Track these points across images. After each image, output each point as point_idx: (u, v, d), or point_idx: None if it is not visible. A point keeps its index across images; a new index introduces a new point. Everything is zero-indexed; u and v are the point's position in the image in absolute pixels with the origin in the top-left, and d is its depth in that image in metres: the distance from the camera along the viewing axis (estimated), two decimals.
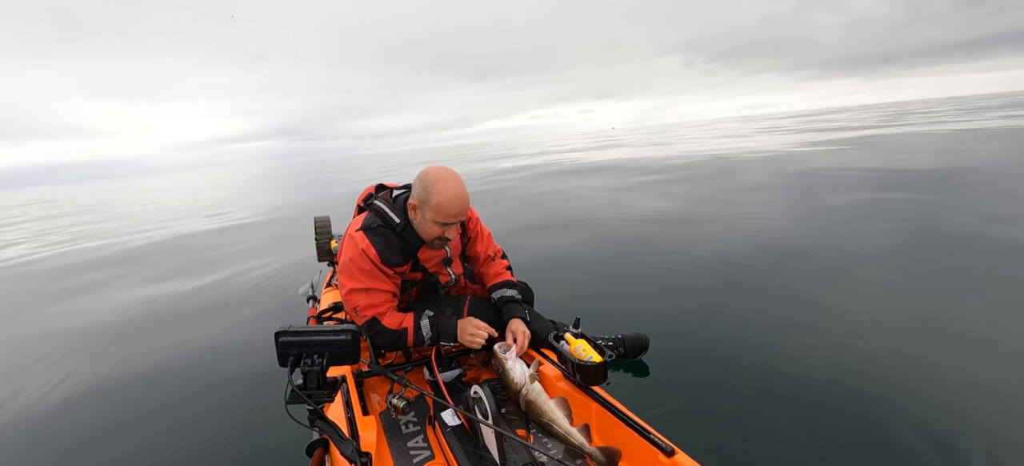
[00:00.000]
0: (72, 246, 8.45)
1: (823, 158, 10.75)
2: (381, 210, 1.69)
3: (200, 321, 3.68)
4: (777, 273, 3.47)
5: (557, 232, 5.53)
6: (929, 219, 4.61)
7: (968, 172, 7.12)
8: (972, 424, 1.75)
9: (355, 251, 1.64)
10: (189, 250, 6.86)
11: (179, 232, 8.91)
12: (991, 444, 1.64)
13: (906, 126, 20.20)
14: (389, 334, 1.70)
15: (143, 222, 11.30)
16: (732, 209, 5.95)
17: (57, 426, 2.31)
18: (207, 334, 3.37)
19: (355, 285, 1.66)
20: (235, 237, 7.56)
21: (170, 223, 10.55)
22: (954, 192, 5.74)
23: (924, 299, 2.85)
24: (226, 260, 5.79)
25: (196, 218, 10.81)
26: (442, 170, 1.63)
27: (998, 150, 9.62)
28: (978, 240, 3.83)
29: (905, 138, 14.36)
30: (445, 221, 1.61)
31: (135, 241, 8.28)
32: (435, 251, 1.80)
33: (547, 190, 9.67)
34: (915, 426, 1.74)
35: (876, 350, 2.27)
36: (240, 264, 5.46)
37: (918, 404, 1.86)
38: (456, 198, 1.59)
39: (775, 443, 1.73)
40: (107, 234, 9.68)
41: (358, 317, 1.69)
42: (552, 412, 1.47)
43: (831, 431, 1.76)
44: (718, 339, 2.53)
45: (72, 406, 2.48)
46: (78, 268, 6.31)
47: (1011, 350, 2.23)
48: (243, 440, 2.02)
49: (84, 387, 2.69)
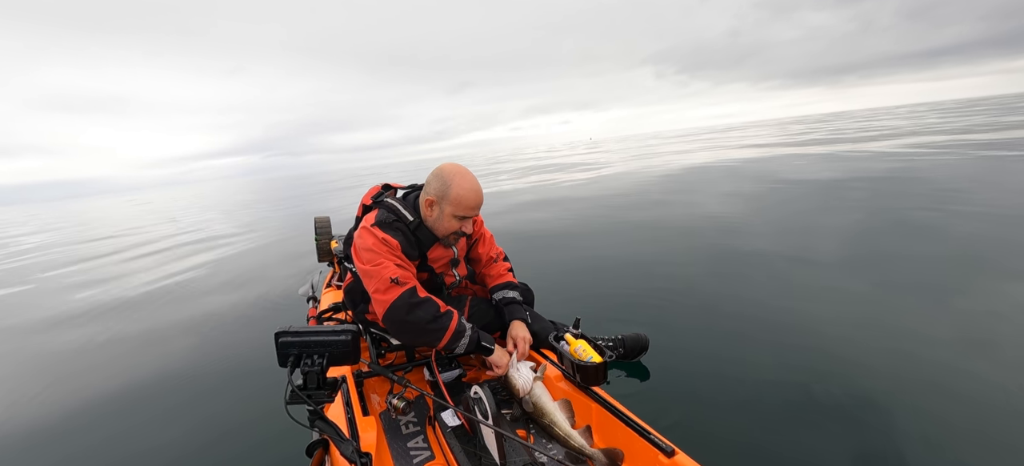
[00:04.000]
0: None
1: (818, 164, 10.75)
2: (394, 207, 1.69)
3: (199, 320, 3.69)
4: (778, 273, 3.47)
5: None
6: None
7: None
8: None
9: (377, 238, 1.61)
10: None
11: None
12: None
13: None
14: (432, 309, 1.56)
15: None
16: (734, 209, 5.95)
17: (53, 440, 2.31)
18: (207, 334, 3.37)
19: (388, 260, 1.58)
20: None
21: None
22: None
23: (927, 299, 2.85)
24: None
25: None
26: (457, 166, 1.67)
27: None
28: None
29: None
30: (464, 214, 1.65)
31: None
32: (444, 251, 1.80)
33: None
34: (918, 427, 1.74)
35: (882, 343, 2.27)
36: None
37: (931, 405, 1.87)
38: (474, 191, 1.65)
39: (775, 443, 1.73)
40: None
41: (393, 289, 1.54)
42: (553, 414, 1.47)
43: (832, 431, 1.76)
44: (718, 338, 2.52)
45: (68, 416, 2.48)
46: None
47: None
48: (243, 440, 2.03)
49: (78, 396, 2.68)
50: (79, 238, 12.10)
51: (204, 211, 17.52)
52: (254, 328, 3.41)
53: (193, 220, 13.96)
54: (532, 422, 1.54)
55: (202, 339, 3.30)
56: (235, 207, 17.39)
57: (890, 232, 4.27)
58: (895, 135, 16.49)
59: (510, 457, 1.37)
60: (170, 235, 10.33)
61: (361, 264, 1.62)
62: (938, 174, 7.08)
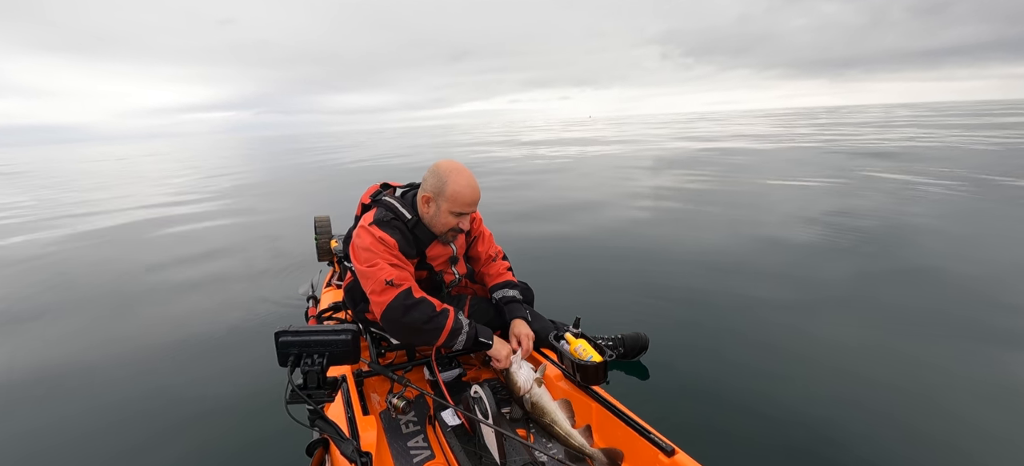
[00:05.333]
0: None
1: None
2: (392, 205, 1.70)
3: (198, 321, 3.68)
4: (781, 272, 3.47)
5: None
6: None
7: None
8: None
9: (374, 237, 1.61)
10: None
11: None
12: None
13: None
14: (428, 309, 1.57)
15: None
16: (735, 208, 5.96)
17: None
18: (206, 335, 3.36)
19: (384, 260, 1.58)
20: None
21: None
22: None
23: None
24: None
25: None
26: (453, 163, 1.68)
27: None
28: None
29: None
30: (460, 211, 1.65)
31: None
32: (442, 249, 1.81)
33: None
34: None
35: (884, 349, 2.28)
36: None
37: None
38: (470, 187, 1.65)
39: (776, 443, 1.73)
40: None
41: (388, 291, 1.55)
42: (554, 414, 1.47)
43: (831, 430, 1.76)
44: (719, 337, 2.53)
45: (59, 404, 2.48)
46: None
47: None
48: (243, 440, 2.02)
49: (65, 383, 2.67)
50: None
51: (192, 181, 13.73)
52: (254, 327, 3.40)
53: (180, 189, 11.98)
54: (532, 421, 1.54)
55: (201, 339, 3.30)
56: (235, 183, 12.55)
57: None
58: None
59: (510, 456, 1.37)
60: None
61: (359, 264, 1.62)
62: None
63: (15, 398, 2.49)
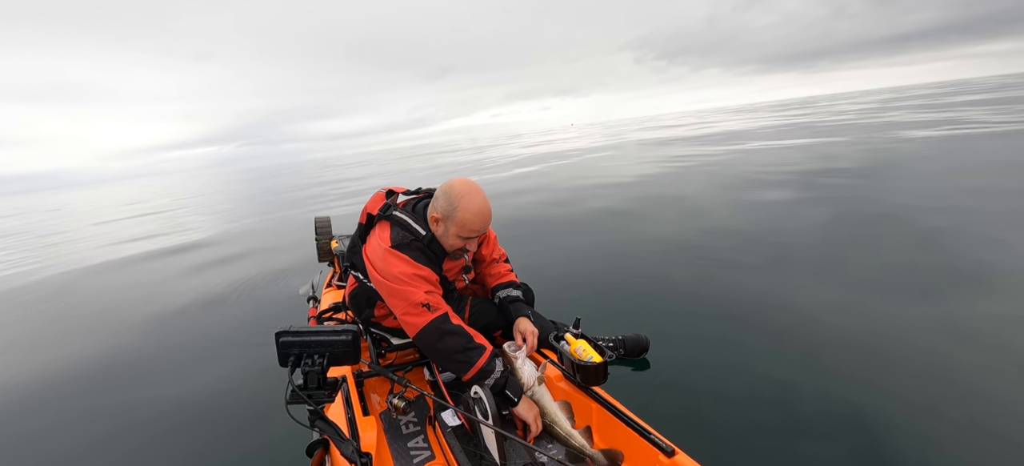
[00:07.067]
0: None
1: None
2: (406, 223, 1.67)
3: (197, 320, 3.69)
4: (782, 272, 3.46)
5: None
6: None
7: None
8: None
9: (408, 266, 1.58)
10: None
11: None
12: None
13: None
14: (464, 341, 1.52)
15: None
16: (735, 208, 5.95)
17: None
18: (205, 334, 3.37)
19: (420, 288, 1.56)
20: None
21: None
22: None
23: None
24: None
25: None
26: (467, 185, 1.63)
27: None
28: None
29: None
30: (468, 236, 1.63)
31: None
32: (456, 261, 1.80)
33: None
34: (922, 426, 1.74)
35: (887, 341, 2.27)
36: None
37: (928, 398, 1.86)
38: (480, 215, 1.61)
39: (776, 442, 1.73)
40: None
41: (424, 314, 1.53)
42: (554, 414, 1.47)
43: (833, 431, 1.76)
44: (719, 337, 2.52)
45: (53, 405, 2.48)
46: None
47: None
48: (243, 440, 2.03)
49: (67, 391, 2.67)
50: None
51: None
52: (254, 328, 3.41)
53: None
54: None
55: (202, 339, 3.30)
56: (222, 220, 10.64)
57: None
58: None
59: (510, 457, 1.37)
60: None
61: (386, 282, 1.59)
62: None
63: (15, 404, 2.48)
